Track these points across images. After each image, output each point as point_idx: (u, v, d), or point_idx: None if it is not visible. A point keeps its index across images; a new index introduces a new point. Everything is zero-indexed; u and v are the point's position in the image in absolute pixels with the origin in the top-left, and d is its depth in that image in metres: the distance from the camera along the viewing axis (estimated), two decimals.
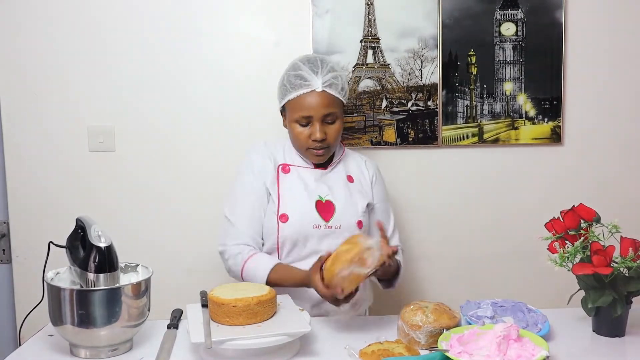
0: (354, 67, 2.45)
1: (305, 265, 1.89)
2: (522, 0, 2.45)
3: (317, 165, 2.01)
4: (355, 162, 2.07)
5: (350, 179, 2.02)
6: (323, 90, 1.90)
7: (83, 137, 2.44)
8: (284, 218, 1.93)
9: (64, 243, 1.66)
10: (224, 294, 1.58)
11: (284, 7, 2.42)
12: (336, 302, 1.68)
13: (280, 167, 1.99)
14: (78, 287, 1.62)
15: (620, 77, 2.51)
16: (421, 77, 2.46)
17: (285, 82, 1.95)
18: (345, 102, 1.98)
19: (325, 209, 1.95)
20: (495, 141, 2.52)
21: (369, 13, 2.43)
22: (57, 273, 1.66)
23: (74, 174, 2.45)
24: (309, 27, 2.42)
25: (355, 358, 1.53)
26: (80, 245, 1.64)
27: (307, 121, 1.91)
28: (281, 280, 1.85)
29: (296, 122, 1.93)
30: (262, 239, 1.97)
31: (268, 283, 1.83)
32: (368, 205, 2.01)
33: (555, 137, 2.51)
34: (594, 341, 1.66)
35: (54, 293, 1.56)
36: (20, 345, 1.73)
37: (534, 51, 2.47)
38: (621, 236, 1.62)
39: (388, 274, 1.87)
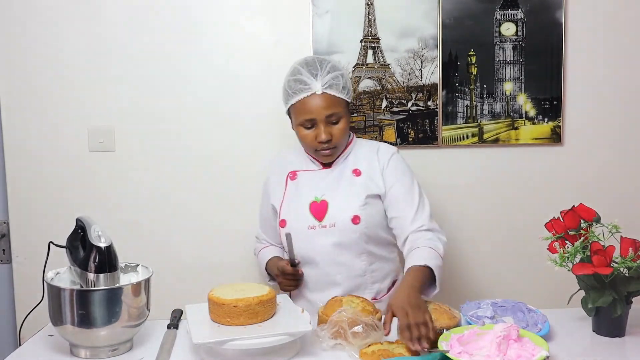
0: (354, 67, 2.45)
1: (311, 267, 1.99)
2: (522, 0, 2.45)
3: (324, 165, 2.03)
4: (367, 152, 2.03)
5: (356, 172, 2.00)
6: (324, 92, 1.91)
7: (83, 137, 2.44)
8: (282, 223, 2.01)
9: (64, 243, 1.66)
10: (225, 294, 1.58)
11: (284, 7, 2.42)
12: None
13: (289, 175, 2.05)
14: (78, 287, 1.62)
15: (620, 77, 2.51)
16: (421, 77, 2.46)
17: (286, 87, 1.97)
18: (349, 100, 1.98)
19: (318, 208, 1.98)
20: (495, 141, 2.52)
21: (369, 13, 2.43)
22: (57, 273, 1.66)
23: (74, 174, 2.45)
24: (309, 27, 2.42)
25: (355, 358, 1.54)
26: (80, 245, 1.64)
27: (311, 124, 1.93)
28: (270, 271, 2.11)
29: (301, 126, 1.95)
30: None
31: (267, 272, 2.13)
32: (377, 196, 1.97)
33: (555, 137, 2.51)
34: (594, 341, 1.66)
35: (54, 293, 1.56)
36: (20, 345, 1.73)
37: (534, 51, 2.47)
38: (621, 236, 1.62)
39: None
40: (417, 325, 1.52)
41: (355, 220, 1.94)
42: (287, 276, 1.98)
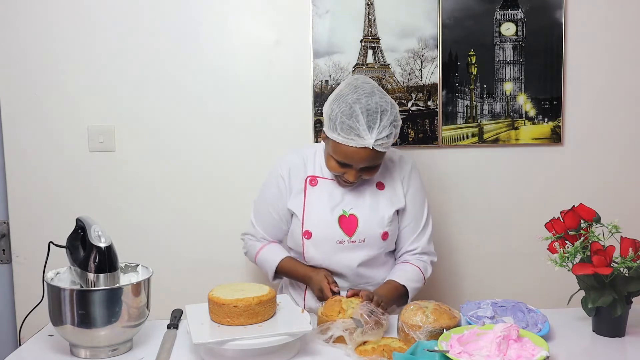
0: (354, 67, 2.45)
1: (338, 277, 1.95)
2: (522, 0, 2.45)
3: None
4: (387, 162, 1.98)
5: (380, 186, 1.96)
6: (373, 148, 1.78)
7: (83, 137, 2.44)
8: (307, 235, 1.94)
9: (64, 243, 1.66)
10: (225, 294, 1.58)
11: (284, 7, 2.42)
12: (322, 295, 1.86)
13: (309, 179, 1.96)
14: (78, 287, 1.62)
15: (620, 77, 2.51)
16: (421, 77, 2.46)
17: (337, 124, 1.80)
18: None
19: (348, 223, 1.92)
20: (495, 141, 2.52)
21: (369, 13, 2.43)
22: (57, 273, 1.66)
23: (74, 174, 2.45)
24: (309, 27, 2.42)
25: (354, 357, 1.54)
26: (80, 245, 1.64)
27: (345, 165, 1.84)
28: (288, 272, 2.00)
29: (333, 158, 1.85)
30: (288, 241, 2.05)
31: (276, 272, 2.00)
32: (398, 211, 1.96)
33: (555, 137, 2.52)
34: (594, 341, 1.66)
35: (54, 293, 1.56)
36: (20, 345, 1.73)
37: (534, 51, 2.47)
38: (621, 236, 1.62)
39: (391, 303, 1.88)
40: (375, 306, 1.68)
41: (385, 236, 1.94)
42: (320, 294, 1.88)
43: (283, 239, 2.08)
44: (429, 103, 2.48)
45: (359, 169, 1.84)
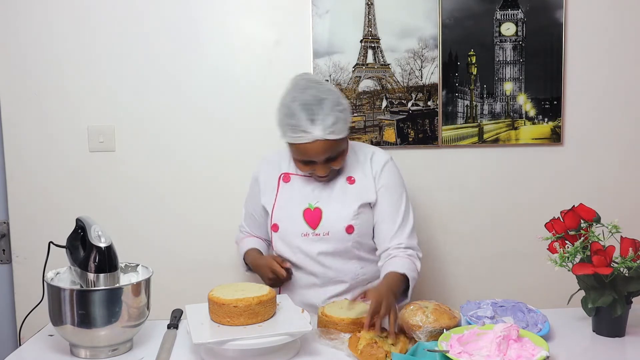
0: (354, 67, 2.45)
1: (301, 273, 1.98)
2: (522, 0, 2.45)
3: None
4: (361, 158, 2.00)
5: (350, 180, 1.98)
6: (325, 139, 1.80)
7: (83, 137, 2.44)
8: (275, 228, 1.99)
9: (64, 243, 1.66)
10: (225, 294, 1.58)
11: (284, 7, 2.42)
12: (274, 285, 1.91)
13: (282, 176, 2.01)
14: (78, 287, 1.62)
15: (620, 77, 2.51)
16: (421, 77, 2.46)
17: (283, 126, 1.84)
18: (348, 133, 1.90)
19: (312, 216, 1.95)
20: (495, 141, 2.52)
21: (369, 13, 2.43)
22: (57, 273, 1.66)
23: (74, 174, 2.45)
24: (309, 27, 2.42)
25: (353, 358, 1.54)
26: (80, 245, 1.64)
27: (309, 162, 1.87)
28: (249, 264, 2.05)
29: (298, 160, 1.89)
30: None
31: (248, 267, 2.07)
32: (368, 205, 1.96)
33: (555, 137, 2.51)
34: (594, 341, 1.66)
35: (54, 293, 1.56)
36: (20, 345, 1.73)
37: (534, 51, 2.47)
38: (621, 236, 1.62)
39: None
40: (386, 313, 1.62)
41: (349, 229, 1.94)
42: (274, 276, 1.92)
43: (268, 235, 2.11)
44: (429, 103, 2.48)
45: (323, 162, 1.86)
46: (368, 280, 2.01)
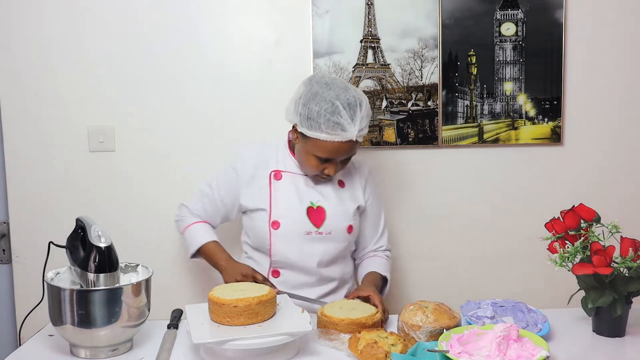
0: (354, 67, 2.45)
1: (297, 274, 1.99)
2: (522, 0, 2.45)
3: None
4: (349, 166, 2.04)
5: (341, 184, 2.03)
6: (355, 140, 1.87)
7: (83, 137, 2.44)
8: (275, 225, 1.97)
9: (64, 243, 1.66)
10: (225, 294, 1.58)
11: (284, 7, 2.42)
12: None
13: (273, 173, 2.01)
14: (78, 287, 1.62)
15: (620, 77, 2.51)
16: (421, 77, 2.46)
17: (321, 122, 1.84)
18: None
19: (316, 215, 1.97)
20: (495, 141, 2.52)
21: (369, 13, 2.43)
22: (57, 273, 1.66)
23: (73, 174, 2.45)
24: (309, 27, 2.42)
25: (353, 358, 1.54)
26: (80, 245, 1.64)
27: (327, 160, 1.90)
28: (209, 256, 2.04)
29: (314, 157, 1.90)
30: (250, 239, 2.07)
31: (198, 251, 2.05)
32: (359, 208, 2.04)
33: (555, 137, 2.52)
34: (594, 341, 1.66)
35: (54, 293, 1.56)
36: (20, 345, 1.73)
37: (534, 51, 2.47)
38: (621, 236, 1.62)
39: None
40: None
41: (350, 229, 2.00)
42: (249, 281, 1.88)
43: (216, 228, 2.13)
44: (429, 103, 2.48)
45: (339, 162, 1.91)
46: (347, 280, 2.09)
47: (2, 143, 2.45)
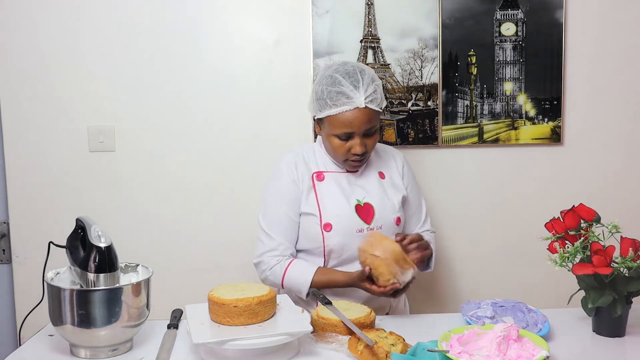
0: None
1: (352, 267, 1.94)
2: (522, 0, 2.45)
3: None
4: (384, 155, 2.06)
5: (381, 175, 2.02)
6: (366, 106, 1.86)
7: (83, 137, 2.44)
8: (327, 227, 1.93)
9: (64, 243, 1.66)
10: (225, 294, 1.58)
11: (284, 7, 2.42)
12: (395, 294, 1.83)
13: (315, 175, 1.98)
14: (78, 287, 1.62)
15: (620, 77, 2.51)
16: (421, 77, 2.47)
17: (325, 97, 1.87)
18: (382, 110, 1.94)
19: (365, 211, 1.95)
20: (495, 141, 2.52)
21: (369, 13, 2.43)
22: (57, 273, 1.66)
23: (74, 174, 2.45)
24: (309, 27, 2.42)
25: (353, 358, 1.54)
26: (80, 245, 1.64)
27: (347, 136, 1.89)
28: (325, 283, 1.91)
29: (335, 137, 1.90)
30: (299, 242, 1.99)
31: (312, 286, 1.90)
32: (403, 197, 2.02)
33: (555, 137, 2.52)
34: (594, 341, 1.66)
35: (54, 293, 1.56)
36: (20, 345, 1.73)
37: (534, 51, 2.47)
38: (621, 236, 1.62)
39: (425, 259, 1.95)
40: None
41: (398, 221, 2.00)
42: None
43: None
44: (429, 103, 2.48)
45: (361, 137, 1.88)
46: None
47: (2, 143, 2.45)
